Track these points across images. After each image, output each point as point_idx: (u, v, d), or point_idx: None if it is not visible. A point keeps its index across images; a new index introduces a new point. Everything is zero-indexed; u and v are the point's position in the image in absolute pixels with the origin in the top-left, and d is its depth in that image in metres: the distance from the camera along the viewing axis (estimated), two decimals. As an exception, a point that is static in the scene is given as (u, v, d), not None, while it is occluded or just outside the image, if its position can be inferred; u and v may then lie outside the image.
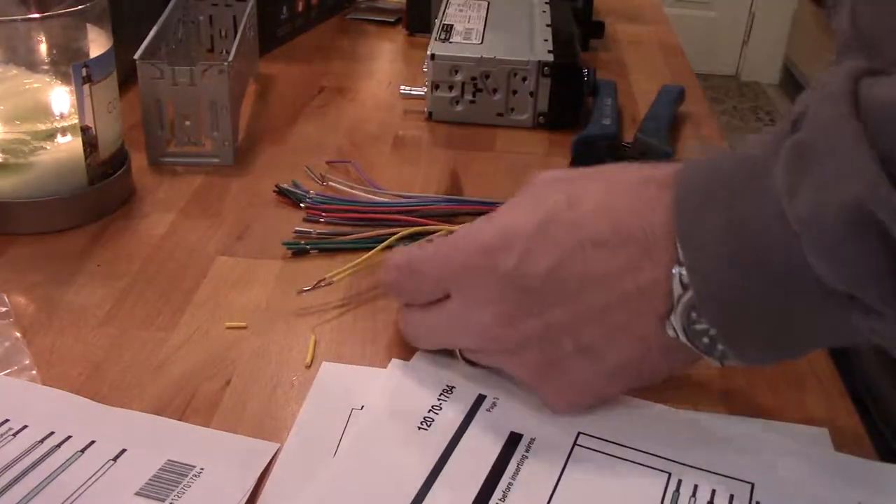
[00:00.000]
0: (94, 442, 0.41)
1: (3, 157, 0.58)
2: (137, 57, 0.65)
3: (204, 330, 0.50)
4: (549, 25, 0.85)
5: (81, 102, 0.58)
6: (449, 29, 0.84)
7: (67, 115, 0.59)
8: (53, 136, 0.59)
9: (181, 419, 0.44)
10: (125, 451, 0.41)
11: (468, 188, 0.68)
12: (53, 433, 0.42)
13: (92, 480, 0.39)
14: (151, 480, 0.39)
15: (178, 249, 0.58)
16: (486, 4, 0.92)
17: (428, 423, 0.43)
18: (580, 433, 0.43)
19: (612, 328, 0.41)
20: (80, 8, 0.57)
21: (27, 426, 0.42)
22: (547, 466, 0.41)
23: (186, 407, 0.44)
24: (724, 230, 0.37)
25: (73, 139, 0.59)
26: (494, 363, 0.45)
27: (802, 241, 0.35)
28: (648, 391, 0.46)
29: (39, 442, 0.41)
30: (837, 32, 0.54)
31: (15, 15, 0.56)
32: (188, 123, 0.68)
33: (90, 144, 0.60)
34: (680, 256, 0.38)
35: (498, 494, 0.39)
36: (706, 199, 0.38)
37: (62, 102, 0.59)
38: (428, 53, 0.77)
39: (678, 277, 0.38)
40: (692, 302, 0.38)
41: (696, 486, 0.40)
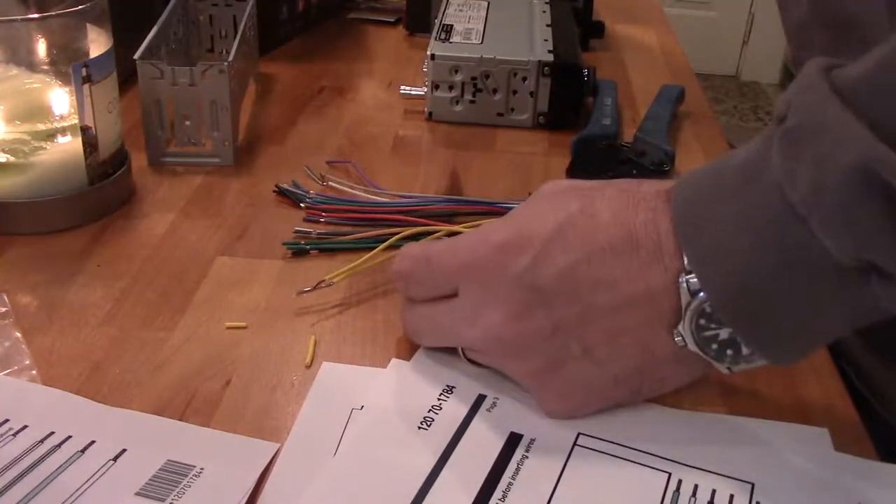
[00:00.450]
0: (94, 442, 0.41)
1: (3, 157, 0.58)
2: (137, 57, 0.65)
3: (204, 330, 0.50)
4: (549, 25, 0.85)
5: (81, 102, 0.58)
6: (449, 29, 0.84)
7: (67, 115, 0.59)
8: (53, 136, 0.59)
9: (181, 419, 0.44)
10: (125, 451, 0.41)
11: (468, 188, 0.68)
12: (53, 433, 0.42)
13: (92, 480, 0.39)
14: (151, 480, 0.39)
15: (178, 249, 0.58)
16: (486, 4, 0.92)
17: (428, 422, 0.43)
18: (580, 433, 0.43)
19: (618, 331, 0.41)
20: (80, 8, 0.57)
21: (27, 426, 0.42)
22: (547, 466, 0.41)
23: (186, 407, 0.44)
24: (729, 230, 0.38)
25: (73, 139, 0.59)
26: (496, 364, 0.45)
27: (810, 221, 0.35)
28: (648, 391, 0.46)
29: (39, 442, 0.41)
30: (791, 16, 0.55)
31: (15, 15, 0.56)
32: (188, 123, 0.68)
33: (90, 144, 0.60)
34: (686, 264, 0.39)
35: (498, 494, 0.39)
36: (707, 203, 0.39)
37: (62, 102, 0.59)
38: (428, 53, 0.77)
39: (685, 285, 0.39)
40: (701, 308, 0.39)
41: (696, 486, 0.40)
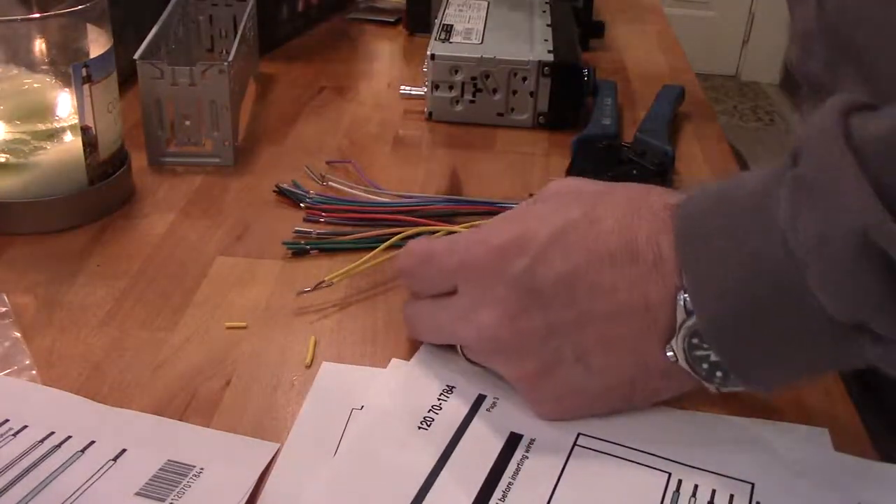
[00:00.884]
0: (94, 442, 0.41)
1: (3, 157, 0.58)
2: (137, 57, 0.65)
3: (204, 330, 0.50)
4: (549, 25, 0.85)
5: (81, 102, 0.58)
6: (449, 29, 0.84)
7: (67, 115, 0.59)
8: (53, 136, 0.59)
9: (181, 419, 0.44)
10: (125, 451, 0.41)
11: (468, 188, 0.68)
12: (53, 433, 0.42)
13: (92, 480, 0.39)
14: (151, 480, 0.39)
15: (178, 249, 0.58)
16: (486, 4, 0.92)
17: (428, 422, 0.43)
18: (580, 433, 0.43)
19: (612, 339, 0.41)
20: (80, 8, 0.57)
21: (27, 426, 0.42)
22: (547, 466, 0.41)
23: (186, 407, 0.44)
24: (728, 260, 0.38)
25: (73, 139, 0.59)
26: (491, 364, 0.45)
27: (808, 272, 0.35)
28: (648, 391, 0.46)
29: (39, 442, 0.41)
30: (797, 20, 0.55)
31: (15, 15, 0.56)
32: (188, 123, 0.68)
33: (90, 144, 0.60)
34: (684, 282, 0.39)
35: (498, 494, 0.39)
36: (710, 230, 0.39)
37: (62, 102, 0.59)
38: (428, 53, 0.77)
39: (682, 303, 0.39)
40: (694, 328, 0.39)
41: (696, 486, 0.40)
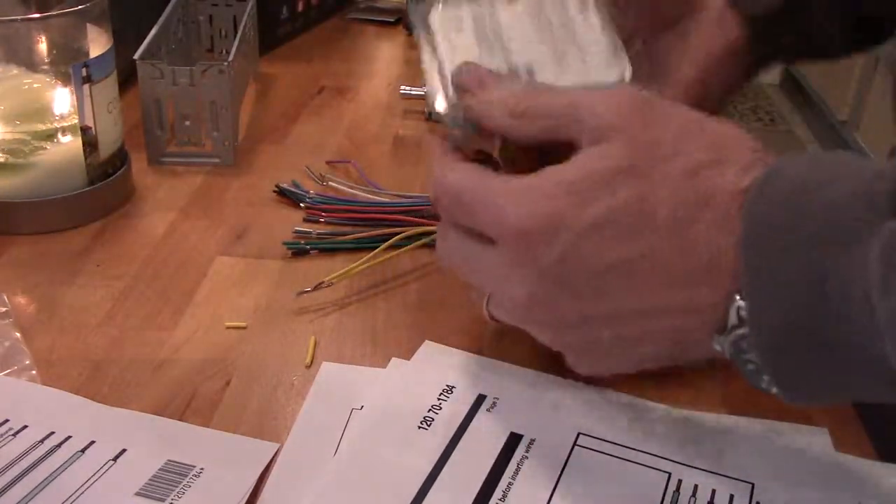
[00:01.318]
0: (94, 442, 0.41)
1: (3, 157, 0.58)
2: (137, 57, 0.65)
3: (204, 330, 0.50)
4: (549, 25, 0.85)
5: (81, 102, 0.58)
6: (449, 29, 0.83)
7: (67, 115, 0.59)
8: (53, 136, 0.59)
9: (181, 419, 0.44)
10: (125, 451, 0.41)
11: (468, 188, 0.68)
12: (53, 433, 0.42)
13: (92, 480, 0.39)
14: (151, 480, 0.39)
15: (178, 249, 0.58)
16: (486, 4, 0.92)
17: (428, 422, 0.43)
18: (580, 433, 0.43)
19: (654, 330, 0.38)
20: (80, 8, 0.57)
21: (27, 426, 0.42)
22: (547, 466, 0.41)
23: (186, 407, 0.44)
24: (797, 287, 0.33)
25: (73, 139, 0.59)
26: (520, 326, 0.42)
27: (885, 338, 0.32)
28: (649, 391, 0.46)
29: (39, 442, 0.41)
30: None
31: (15, 15, 0.56)
32: (188, 123, 0.68)
33: (90, 144, 0.60)
34: (743, 293, 0.35)
35: (498, 494, 0.39)
36: (782, 242, 0.34)
37: (62, 102, 0.59)
38: None
39: (736, 310, 0.35)
40: (744, 336, 0.36)
41: (696, 486, 0.40)
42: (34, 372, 0.46)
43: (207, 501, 0.39)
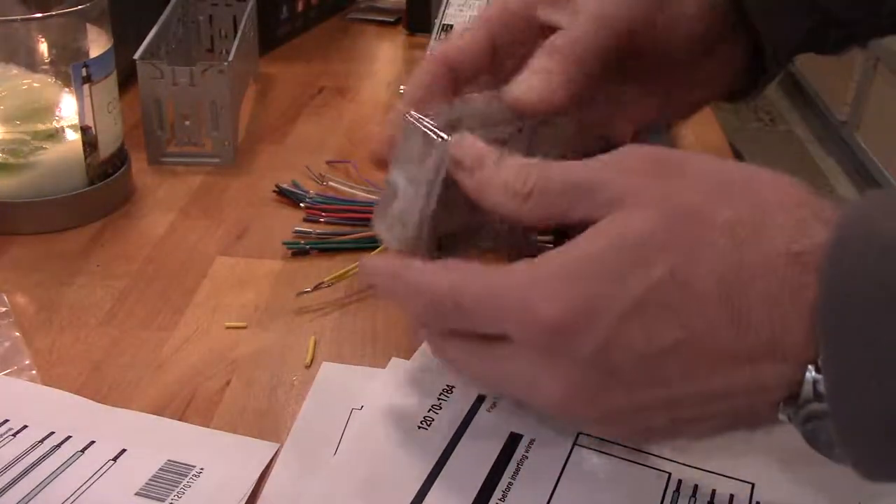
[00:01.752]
0: (94, 442, 0.41)
1: (3, 157, 0.58)
2: (137, 57, 0.65)
3: (204, 330, 0.50)
4: (549, 25, 0.85)
5: (81, 102, 0.58)
6: (449, 29, 0.83)
7: (67, 115, 0.59)
8: (53, 136, 0.59)
9: (181, 419, 0.44)
10: (125, 451, 0.41)
11: (468, 188, 0.68)
12: (53, 433, 0.42)
13: (92, 480, 0.39)
14: (151, 480, 0.39)
15: (178, 249, 0.58)
16: (486, 4, 0.92)
17: (428, 422, 0.43)
18: (580, 433, 0.43)
19: (715, 412, 0.34)
20: (80, 8, 0.57)
21: (27, 426, 0.42)
22: (547, 466, 0.41)
23: (186, 407, 0.44)
24: (889, 367, 0.29)
25: (73, 139, 0.59)
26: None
27: None
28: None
29: (39, 442, 0.41)
30: None
31: (15, 15, 0.56)
32: (188, 123, 0.68)
33: (90, 144, 0.60)
34: (822, 367, 0.31)
35: (498, 494, 0.39)
36: (875, 311, 0.29)
37: (62, 102, 0.59)
38: (428, 53, 0.77)
39: (812, 384, 0.31)
40: (823, 413, 0.31)
41: (696, 486, 0.40)
42: (34, 372, 0.46)
43: (207, 501, 0.39)
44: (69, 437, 0.42)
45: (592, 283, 0.33)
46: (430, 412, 0.44)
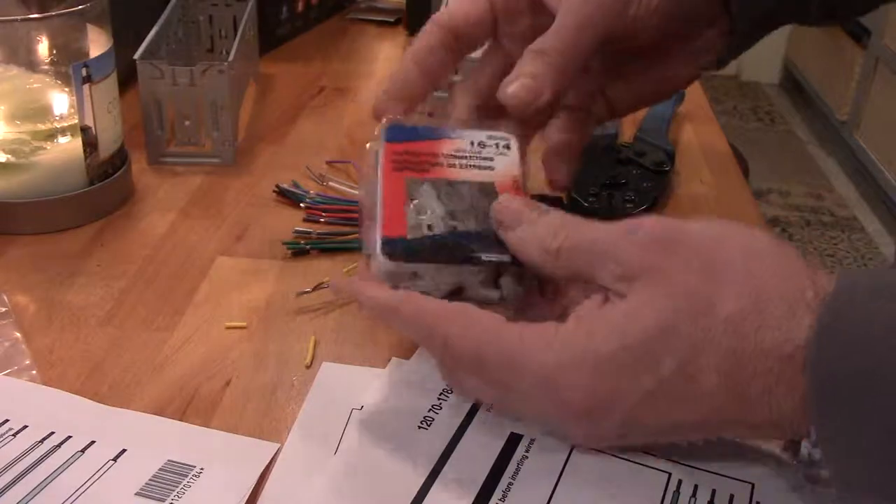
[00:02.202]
0: (94, 442, 0.41)
1: (3, 157, 0.58)
2: (137, 57, 0.65)
3: (204, 330, 0.50)
4: (549, 25, 0.85)
5: (81, 102, 0.58)
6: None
7: (67, 115, 0.59)
8: (53, 136, 0.59)
9: (181, 419, 0.44)
10: (125, 451, 0.41)
11: (468, 188, 0.68)
12: (53, 433, 0.42)
13: (92, 480, 0.39)
14: (151, 480, 0.39)
15: (178, 249, 0.58)
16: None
17: (428, 422, 0.43)
18: (580, 433, 0.43)
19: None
20: (80, 8, 0.57)
21: (27, 426, 0.42)
22: (547, 466, 0.41)
23: (186, 407, 0.44)
24: (881, 452, 0.33)
25: (73, 139, 0.59)
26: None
27: None
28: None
29: (39, 442, 0.41)
30: None
31: (15, 15, 0.56)
32: (188, 123, 0.68)
33: (90, 144, 0.60)
34: (813, 440, 0.35)
35: (498, 494, 0.39)
36: (856, 411, 0.33)
37: (62, 102, 0.59)
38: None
39: (806, 452, 0.35)
40: (819, 478, 0.36)
41: (696, 486, 0.40)
42: (34, 372, 0.46)
43: (207, 501, 0.39)
44: (69, 437, 0.42)
45: (610, 379, 0.36)
46: (430, 412, 0.44)
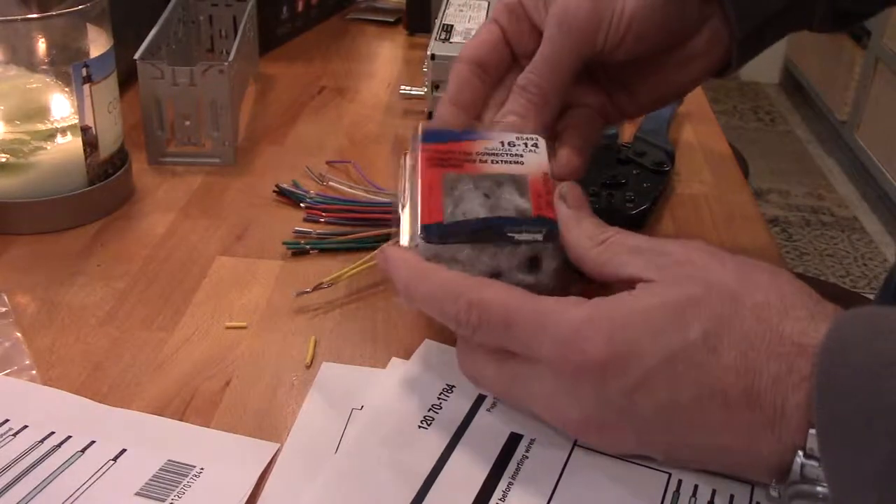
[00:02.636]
0: (94, 442, 0.41)
1: (3, 157, 0.58)
2: (137, 57, 0.65)
3: (204, 330, 0.50)
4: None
5: (81, 102, 0.58)
6: (449, 29, 0.83)
7: (67, 115, 0.59)
8: (53, 136, 0.59)
9: (181, 419, 0.44)
10: (125, 451, 0.41)
11: (468, 188, 0.68)
12: (53, 433, 0.42)
13: (92, 480, 0.39)
14: (151, 480, 0.39)
15: (178, 249, 0.58)
16: (486, 4, 0.92)
17: (428, 422, 0.43)
18: (580, 433, 0.43)
19: (710, 461, 0.40)
20: (80, 8, 0.57)
21: (27, 426, 0.42)
22: (547, 466, 0.41)
23: (186, 407, 0.44)
24: (875, 459, 0.32)
25: (73, 139, 0.59)
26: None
27: None
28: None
29: (39, 442, 0.41)
30: None
31: (15, 15, 0.56)
32: (188, 123, 0.68)
33: (90, 144, 0.60)
34: (808, 450, 0.35)
35: (498, 494, 0.39)
36: (859, 409, 0.33)
37: (62, 102, 0.59)
38: (428, 53, 0.77)
39: (799, 467, 0.35)
40: (808, 495, 0.35)
41: (696, 486, 0.40)
42: (34, 372, 0.46)
43: (207, 501, 0.39)
44: (69, 437, 0.42)
45: (637, 332, 0.37)
46: (430, 412, 0.44)
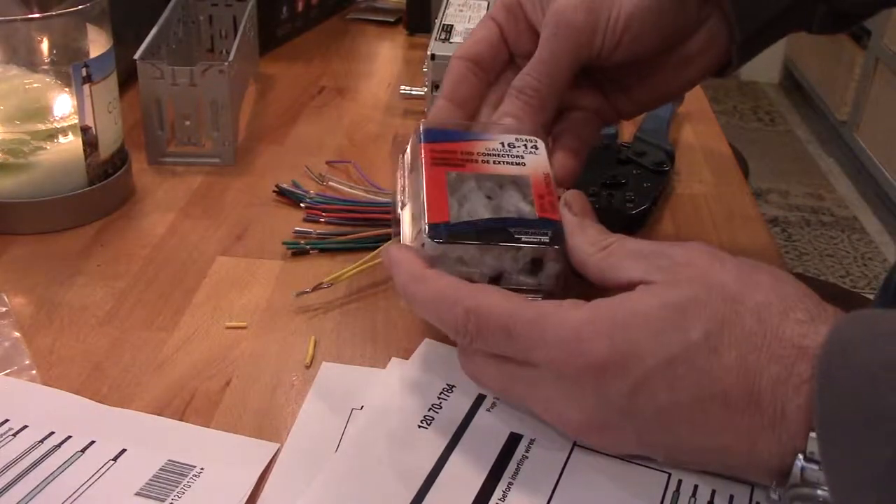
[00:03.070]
0: (94, 442, 0.41)
1: (3, 157, 0.58)
2: (137, 57, 0.65)
3: (204, 330, 0.50)
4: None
5: (81, 102, 0.58)
6: (449, 29, 0.83)
7: (67, 115, 0.59)
8: (53, 136, 0.59)
9: (181, 419, 0.44)
10: (125, 451, 0.41)
11: (468, 188, 0.68)
12: (53, 433, 0.42)
13: (92, 480, 0.39)
14: (151, 480, 0.39)
15: (178, 249, 0.58)
16: (486, 4, 0.92)
17: (428, 422, 0.43)
18: (580, 433, 0.43)
19: (710, 462, 0.39)
20: (80, 8, 0.57)
21: (27, 426, 0.42)
22: (547, 466, 0.41)
23: (186, 407, 0.44)
24: (877, 460, 0.32)
25: (73, 139, 0.59)
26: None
27: None
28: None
29: (39, 442, 0.41)
30: None
31: (15, 15, 0.56)
32: (188, 123, 0.68)
33: (90, 144, 0.60)
34: (808, 454, 0.35)
35: (498, 494, 0.39)
36: (860, 411, 0.32)
37: (62, 102, 0.59)
38: (428, 53, 0.77)
39: (800, 470, 0.35)
40: (808, 497, 0.35)
41: (696, 486, 0.40)
42: (34, 372, 0.46)
43: (207, 501, 0.39)
44: (69, 437, 0.42)
45: (637, 332, 0.36)
46: (430, 412, 0.44)
